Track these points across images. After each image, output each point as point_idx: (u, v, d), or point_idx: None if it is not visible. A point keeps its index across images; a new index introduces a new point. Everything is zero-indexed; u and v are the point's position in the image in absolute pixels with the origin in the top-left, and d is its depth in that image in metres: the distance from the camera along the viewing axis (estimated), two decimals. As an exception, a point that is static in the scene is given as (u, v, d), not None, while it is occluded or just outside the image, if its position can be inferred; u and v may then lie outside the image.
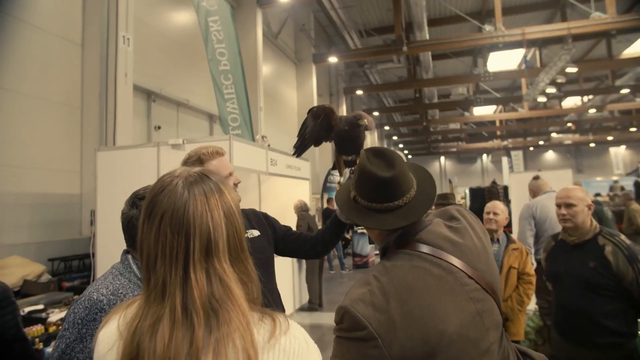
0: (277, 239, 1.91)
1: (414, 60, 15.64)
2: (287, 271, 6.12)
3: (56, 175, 5.36)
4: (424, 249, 1.03)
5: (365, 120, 1.72)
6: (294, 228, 6.10)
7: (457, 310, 0.95)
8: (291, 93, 13.22)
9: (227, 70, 6.21)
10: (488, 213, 3.04)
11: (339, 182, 1.98)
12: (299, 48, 13.52)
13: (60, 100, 5.47)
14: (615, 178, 18.58)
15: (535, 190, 4.14)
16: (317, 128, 1.90)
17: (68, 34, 5.61)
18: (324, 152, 13.64)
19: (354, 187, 1.16)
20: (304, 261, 6.59)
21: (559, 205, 2.32)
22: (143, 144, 4.64)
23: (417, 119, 22.80)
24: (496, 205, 3.08)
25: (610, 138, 25.36)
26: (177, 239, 0.71)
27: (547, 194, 3.95)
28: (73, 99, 5.63)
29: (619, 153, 25.46)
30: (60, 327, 1.34)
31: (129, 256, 1.30)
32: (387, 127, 24.91)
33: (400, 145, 30.01)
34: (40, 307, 3.84)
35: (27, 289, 4.48)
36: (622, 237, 2.17)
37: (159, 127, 7.05)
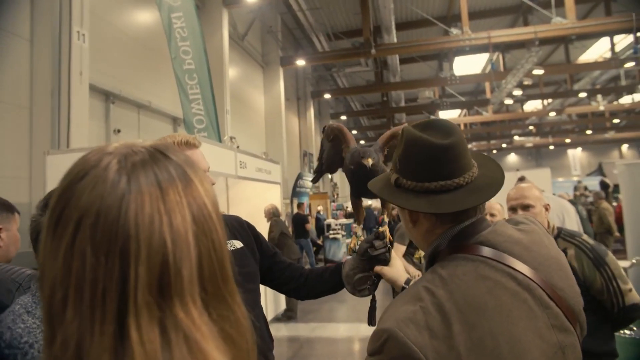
0: (261, 261, 1.59)
1: (381, 63, 15.65)
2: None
3: (4, 181, 4.88)
4: (491, 254, 0.78)
5: (370, 160, 1.41)
6: (265, 234, 5.84)
7: (538, 341, 0.72)
8: (259, 96, 12.91)
9: (192, 70, 5.86)
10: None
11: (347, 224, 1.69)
12: (266, 51, 13.24)
13: (4, 99, 4.99)
14: (575, 178, 19.12)
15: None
16: (331, 151, 1.65)
17: (14, 28, 5.14)
18: (292, 155, 13.38)
19: (396, 166, 0.91)
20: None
21: (513, 209, 2.01)
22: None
23: (384, 123, 22.86)
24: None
25: (568, 140, 26.30)
26: (105, 265, 0.39)
27: None
28: (20, 98, 5.15)
29: (576, 155, 26.38)
30: None
31: None
32: (354, 132, 24.87)
33: (368, 150, 30.07)
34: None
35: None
36: (584, 237, 1.87)
37: (119, 131, 6.61)
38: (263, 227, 5.98)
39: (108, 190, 0.41)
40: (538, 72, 11.30)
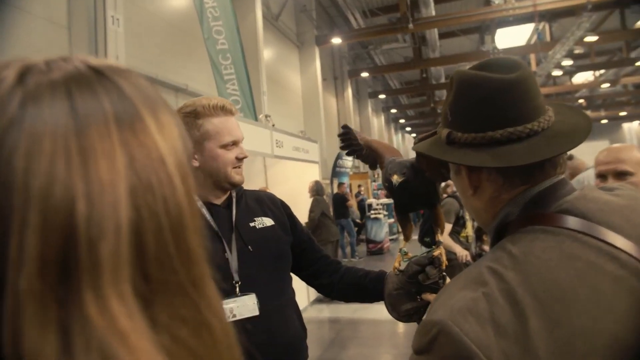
0: (294, 245, 1.41)
1: (419, 39, 15.14)
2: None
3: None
4: (581, 225, 0.59)
5: (396, 177, 1.21)
6: (305, 213, 5.75)
7: None
8: (295, 77, 12.78)
9: (225, 50, 5.79)
10: None
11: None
12: (300, 30, 13.04)
13: (48, 87, 5.10)
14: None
15: (574, 172, 3.69)
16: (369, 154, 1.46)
17: (53, 16, 5.21)
18: (331, 135, 13.23)
19: (446, 119, 0.73)
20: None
21: (603, 175, 1.65)
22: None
23: (424, 101, 22.28)
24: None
25: (623, 113, 24.71)
26: None
27: (591, 170, 3.52)
28: (62, 85, 5.26)
29: (633, 129, 24.82)
30: None
31: None
32: (393, 110, 24.42)
33: (408, 129, 29.53)
34: None
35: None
36: None
37: (158, 115, 6.67)
38: (303, 208, 5.90)
39: None
40: (591, 38, 10.57)
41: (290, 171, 5.93)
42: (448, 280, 1.21)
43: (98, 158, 0.28)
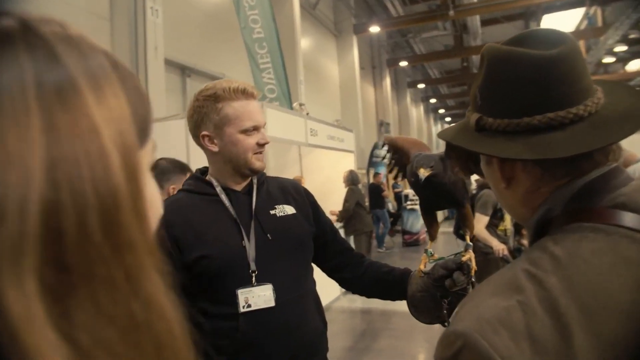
0: (316, 235, 1.36)
1: (460, 27, 14.70)
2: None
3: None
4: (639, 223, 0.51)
5: (423, 170, 1.13)
6: (340, 203, 5.72)
7: None
8: (332, 66, 12.70)
9: (261, 38, 5.81)
10: None
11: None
12: (338, 19, 12.92)
13: (91, 77, 5.28)
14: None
15: (625, 163, 3.48)
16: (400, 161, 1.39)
17: (96, 8, 5.37)
18: (369, 125, 13.12)
19: (476, 102, 0.64)
20: (351, 237, 6.14)
21: None
22: (171, 116, 4.35)
23: (464, 90, 21.68)
24: None
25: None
26: None
27: None
28: (104, 76, 5.43)
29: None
30: None
31: None
32: (433, 100, 23.93)
33: (448, 119, 28.90)
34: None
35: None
36: None
37: (196, 104, 6.79)
38: (338, 197, 5.87)
39: None
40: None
41: (325, 160, 5.90)
42: (477, 286, 1.12)
43: (7, 129, 0.25)
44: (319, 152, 5.39)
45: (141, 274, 0.28)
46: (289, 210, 1.31)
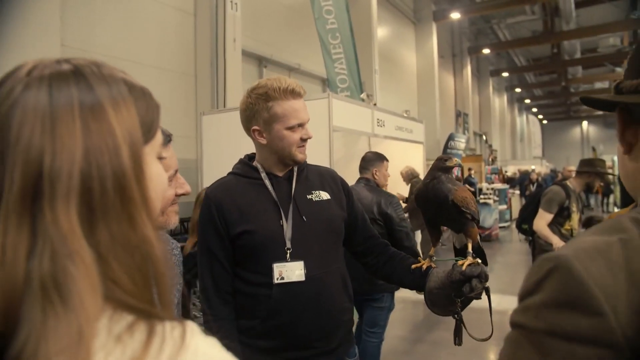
0: (348, 221, 1.50)
1: (551, 10, 13.73)
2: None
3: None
4: None
5: (455, 160, 1.31)
6: (407, 193, 5.69)
7: None
8: (410, 55, 12.48)
9: (335, 29, 5.89)
10: None
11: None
12: (418, 6, 12.64)
13: (175, 68, 5.68)
14: None
15: None
16: None
17: (182, 5, 5.76)
18: (446, 115, 12.77)
19: (625, 68, 0.63)
20: (418, 232, 6.11)
21: None
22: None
23: (554, 79, 20.31)
24: None
25: None
26: None
27: None
28: (187, 66, 5.81)
29: None
30: None
31: None
32: (518, 90, 22.64)
33: (534, 110, 27.21)
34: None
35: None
36: None
37: (272, 93, 7.05)
38: (405, 188, 5.85)
39: (3, 96, 0.44)
40: None
41: (394, 151, 5.89)
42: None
43: (62, 129, 0.43)
44: (388, 142, 5.40)
45: (137, 217, 0.45)
46: (324, 195, 1.45)
